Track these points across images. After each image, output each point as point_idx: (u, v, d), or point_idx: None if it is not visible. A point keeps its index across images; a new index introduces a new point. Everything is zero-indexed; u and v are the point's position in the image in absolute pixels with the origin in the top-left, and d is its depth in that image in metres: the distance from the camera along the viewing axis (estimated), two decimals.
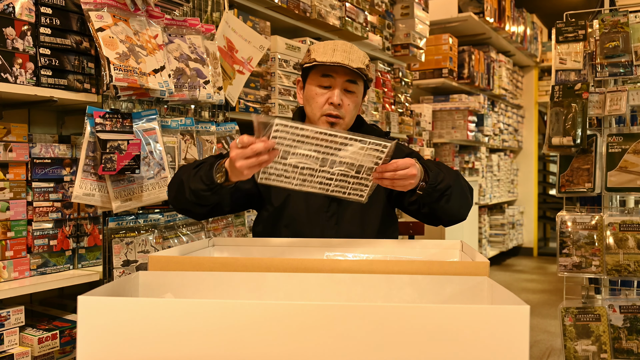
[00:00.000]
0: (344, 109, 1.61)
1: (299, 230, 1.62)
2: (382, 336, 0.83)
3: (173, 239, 1.96)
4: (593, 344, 2.27)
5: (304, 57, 1.70)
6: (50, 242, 1.79)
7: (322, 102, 1.61)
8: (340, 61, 1.55)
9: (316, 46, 1.63)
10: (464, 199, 1.57)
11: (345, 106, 1.61)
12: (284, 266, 1.12)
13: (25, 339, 1.68)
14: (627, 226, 2.25)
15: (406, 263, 1.12)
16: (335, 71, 1.59)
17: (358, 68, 1.57)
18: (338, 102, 1.59)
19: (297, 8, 2.66)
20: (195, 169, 1.49)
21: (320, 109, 1.61)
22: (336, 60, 1.55)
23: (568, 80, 2.41)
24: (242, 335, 0.85)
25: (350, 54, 1.59)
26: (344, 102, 1.61)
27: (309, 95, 1.64)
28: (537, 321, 3.96)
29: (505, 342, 0.82)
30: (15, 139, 1.71)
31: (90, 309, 0.87)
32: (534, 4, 6.64)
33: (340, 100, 1.59)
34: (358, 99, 1.66)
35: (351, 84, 1.61)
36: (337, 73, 1.59)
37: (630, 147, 2.29)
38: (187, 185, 1.48)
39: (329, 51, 1.59)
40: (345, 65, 1.55)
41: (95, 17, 1.69)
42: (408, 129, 3.87)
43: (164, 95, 1.83)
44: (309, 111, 1.66)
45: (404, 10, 3.68)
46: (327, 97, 1.60)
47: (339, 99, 1.59)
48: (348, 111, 1.63)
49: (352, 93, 1.62)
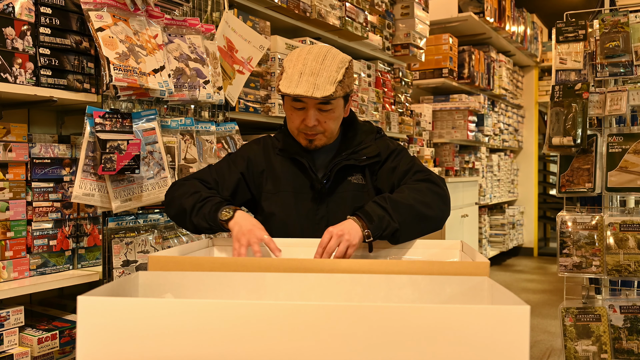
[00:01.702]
0: (321, 126, 1.58)
1: (290, 235, 1.60)
2: (382, 336, 0.83)
3: (173, 239, 1.96)
4: (593, 344, 2.27)
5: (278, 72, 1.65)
6: (50, 242, 1.79)
7: (298, 122, 1.58)
8: (303, 93, 1.47)
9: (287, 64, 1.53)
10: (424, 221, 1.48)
11: (322, 124, 1.57)
12: (284, 266, 1.12)
13: (24, 339, 1.68)
14: (627, 226, 2.25)
15: (406, 263, 1.12)
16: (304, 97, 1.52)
17: (324, 97, 1.48)
18: (313, 123, 1.55)
19: (297, 8, 2.66)
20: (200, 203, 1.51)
21: (297, 127, 1.59)
22: (299, 93, 1.47)
23: (568, 80, 2.41)
24: (242, 335, 0.84)
25: (318, 77, 1.49)
26: (320, 120, 1.56)
27: (286, 113, 1.63)
28: (537, 321, 3.95)
29: (505, 342, 0.82)
30: (15, 139, 1.71)
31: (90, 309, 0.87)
32: (534, 4, 6.64)
33: (315, 121, 1.55)
34: (337, 112, 1.60)
35: (325, 105, 1.54)
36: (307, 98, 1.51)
37: (630, 147, 2.28)
38: (190, 217, 1.51)
39: (295, 78, 1.49)
40: (309, 97, 1.48)
41: (95, 17, 1.69)
42: (408, 129, 3.87)
43: (164, 95, 1.83)
44: (289, 126, 1.64)
45: (404, 10, 3.68)
46: (302, 118, 1.57)
47: (314, 120, 1.55)
48: (327, 127, 1.59)
49: (328, 111, 1.56)
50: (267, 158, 1.69)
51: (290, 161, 1.66)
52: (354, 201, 1.63)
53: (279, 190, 1.65)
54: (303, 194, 1.64)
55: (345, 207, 1.62)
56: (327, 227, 1.59)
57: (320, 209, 1.63)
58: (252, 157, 1.69)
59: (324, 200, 1.64)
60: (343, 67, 1.53)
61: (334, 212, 1.63)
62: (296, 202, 1.63)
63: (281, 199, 1.64)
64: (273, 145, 1.71)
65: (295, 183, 1.65)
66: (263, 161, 1.68)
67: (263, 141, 1.74)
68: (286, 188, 1.64)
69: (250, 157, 1.69)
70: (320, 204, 1.63)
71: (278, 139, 1.72)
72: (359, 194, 1.65)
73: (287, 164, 1.67)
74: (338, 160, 1.63)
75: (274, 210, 1.64)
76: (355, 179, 1.66)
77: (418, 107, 4.45)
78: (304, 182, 1.64)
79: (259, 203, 1.68)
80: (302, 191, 1.64)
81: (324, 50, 1.55)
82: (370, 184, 1.66)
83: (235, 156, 1.71)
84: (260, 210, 1.69)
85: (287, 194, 1.64)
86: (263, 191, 1.67)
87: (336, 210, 1.63)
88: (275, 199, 1.64)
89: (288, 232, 1.62)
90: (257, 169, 1.68)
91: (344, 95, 1.57)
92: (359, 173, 1.66)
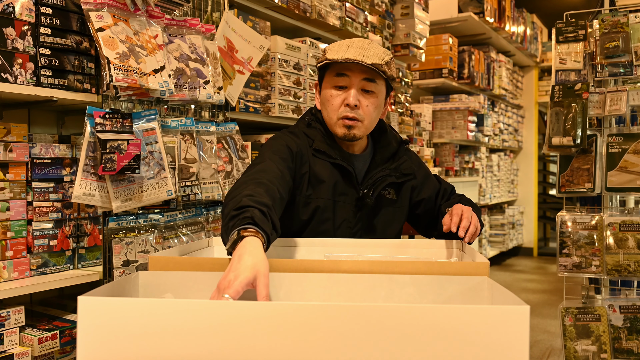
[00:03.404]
0: (362, 111, 1.49)
1: None
2: (383, 336, 0.83)
3: (173, 239, 1.96)
4: (593, 344, 2.27)
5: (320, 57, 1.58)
6: (50, 242, 1.79)
7: (337, 104, 1.49)
8: (353, 57, 1.43)
9: (331, 45, 1.52)
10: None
11: (363, 107, 1.49)
12: (284, 266, 1.12)
13: (25, 339, 1.68)
14: (627, 226, 2.25)
15: (406, 263, 1.12)
16: (350, 69, 1.47)
17: (373, 64, 1.43)
18: (355, 102, 1.47)
19: (297, 8, 2.66)
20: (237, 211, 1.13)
21: (336, 112, 1.50)
22: (348, 57, 1.43)
23: (568, 80, 2.41)
24: (242, 335, 0.85)
25: (367, 50, 1.46)
26: (362, 102, 1.48)
27: (325, 98, 1.53)
28: (537, 321, 3.95)
29: (505, 342, 0.82)
30: (15, 139, 1.71)
31: (90, 309, 0.87)
32: (534, 4, 6.64)
33: (357, 101, 1.47)
34: (378, 100, 1.52)
35: (369, 83, 1.48)
36: (352, 71, 1.47)
37: (630, 147, 2.29)
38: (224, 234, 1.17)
39: (343, 48, 1.47)
40: (359, 62, 1.43)
41: (95, 17, 1.69)
42: (408, 129, 3.87)
43: (164, 95, 1.83)
44: (326, 115, 1.55)
45: (404, 10, 3.68)
46: (343, 99, 1.48)
47: (356, 99, 1.47)
48: (367, 113, 1.50)
49: (371, 93, 1.50)
50: (308, 157, 1.54)
51: (331, 165, 1.54)
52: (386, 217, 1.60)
53: (319, 196, 1.52)
54: (343, 203, 1.54)
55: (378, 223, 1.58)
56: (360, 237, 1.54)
57: (359, 222, 1.56)
58: (297, 154, 1.52)
59: (364, 214, 1.56)
60: (388, 55, 1.51)
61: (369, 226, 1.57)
62: (334, 211, 1.53)
63: (320, 205, 1.52)
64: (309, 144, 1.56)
65: (335, 191, 1.53)
66: (307, 161, 1.53)
67: (302, 136, 1.58)
68: (325, 195, 1.52)
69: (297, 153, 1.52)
70: (360, 217, 1.55)
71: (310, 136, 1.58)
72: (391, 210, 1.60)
73: (327, 167, 1.54)
74: (382, 176, 1.56)
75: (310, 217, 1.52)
76: (388, 194, 1.60)
77: (418, 107, 4.45)
78: (345, 190, 1.54)
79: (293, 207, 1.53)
80: (343, 200, 1.54)
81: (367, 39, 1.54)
82: (404, 202, 1.63)
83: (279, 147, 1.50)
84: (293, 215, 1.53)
85: (326, 201, 1.52)
86: (302, 195, 1.52)
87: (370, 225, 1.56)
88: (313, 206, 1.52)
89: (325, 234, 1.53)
90: (301, 170, 1.52)
91: (389, 78, 1.51)
92: (392, 188, 1.61)
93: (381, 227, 1.59)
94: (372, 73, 1.48)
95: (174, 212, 1.99)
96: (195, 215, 2.07)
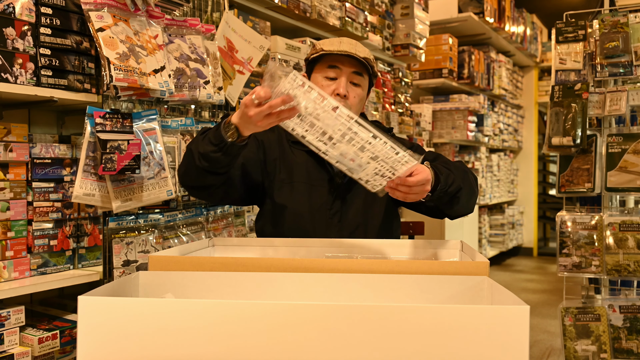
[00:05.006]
0: (350, 101, 1.61)
1: (302, 227, 1.61)
2: (382, 336, 0.83)
3: (173, 239, 1.96)
4: (593, 344, 2.27)
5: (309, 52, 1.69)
6: (50, 242, 1.80)
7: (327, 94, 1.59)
8: (347, 50, 1.57)
9: (322, 40, 1.65)
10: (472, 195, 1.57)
11: (351, 98, 1.61)
12: (284, 266, 1.12)
13: (25, 339, 1.68)
14: (627, 226, 2.25)
15: (406, 263, 1.12)
16: (342, 62, 1.60)
17: (365, 58, 1.58)
18: (345, 92, 1.58)
19: (297, 8, 2.67)
20: (202, 135, 1.44)
21: None
22: (343, 49, 1.57)
23: (568, 80, 2.41)
24: (242, 335, 0.85)
25: (357, 47, 1.61)
26: (350, 94, 1.60)
27: None
28: (537, 321, 3.96)
29: (505, 342, 0.82)
30: (15, 139, 1.71)
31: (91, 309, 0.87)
32: (534, 4, 6.64)
33: (346, 92, 1.59)
34: (363, 92, 1.66)
35: (357, 76, 1.61)
36: (344, 64, 1.60)
37: (630, 147, 2.29)
38: (196, 150, 1.41)
39: (336, 42, 1.61)
40: (353, 54, 1.56)
41: (95, 17, 1.69)
42: (408, 129, 3.87)
43: (164, 96, 1.83)
44: None
45: (404, 10, 3.68)
46: (333, 89, 1.59)
47: (345, 89, 1.59)
48: (354, 104, 1.62)
49: (357, 86, 1.63)
50: (281, 147, 1.69)
51: (306, 153, 1.66)
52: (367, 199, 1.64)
53: (293, 180, 1.64)
54: (318, 187, 1.64)
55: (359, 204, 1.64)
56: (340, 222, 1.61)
57: (335, 203, 1.63)
58: (265, 142, 1.69)
59: (339, 195, 1.64)
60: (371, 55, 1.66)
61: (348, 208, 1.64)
62: (310, 194, 1.62)
63: (295, 189, 1.63)
64: (287, 136, 1.70)
65: (311, 175, 1.65)
66: (277, 148, 1.68)
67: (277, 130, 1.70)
68: (300, 179, 1.64)
69: (264, 142, 1.68)
70: (336, 198, 1.63)
71: None
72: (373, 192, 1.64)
73: (302, 154, 1.67)
74: None
75: (286, 201, 1.63)
76: None
77: (418, 107, 4.45)
78: (320, 174, 1.64)
79: (269, 192, 1.66)
80: (318, 184, 1.64)
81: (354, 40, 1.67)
82: None
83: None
84: (269, 200, 1.66)
85: (301, 185, 1.63)
86: (275, 179, 1.65)
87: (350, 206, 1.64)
88: (289, 189, 1.63)
89: (300, 224, 1.61)
90: (271, 156, 1.67)
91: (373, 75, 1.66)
92: None
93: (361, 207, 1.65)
94: (361, 67, 1.62)
95: (174, 212, 1.99)
96: (195, 215, 2.07)
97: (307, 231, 1.59)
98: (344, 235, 1.57)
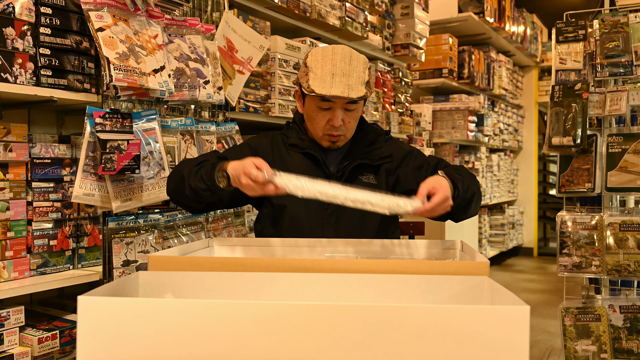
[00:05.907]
0: (345, 127, 1.62)
1: (300, 228, 1.61)
2: (383, 336, 0.83)
3: (173, 239, 1.96)
4: (593, 344, 2.27)
5: (300, 71, 1.64)
6: (50, 242, 1.79)
7: (322, 124, 1.61)
8: (339, 94, 1.52)
9: (314, 64, 1.56)
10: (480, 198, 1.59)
11: (346, 124, 1.62)
12: (284, 266, 1.12)
13: (25, 339, 1.68)
14: (627, 226, 2.25)
15: (406, 263, 1.12)
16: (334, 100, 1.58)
17: (359, 97, 1.54)
18: (339, 124, 1.60)
19: (297, 8, 2.66)
20: (197, 167, 1.50)
21: (322, 129, 1.62)
22: (335, 94, 1.51)
23: (568, 80, 2.41)
24: (242, 335, 0.85)
25: (350, 78, 1.54)
26: (345, 120, 1.61)
27: (309, 114, 1.64)
28: (537, 321, 3.96)
29: (505, 342, 0.82)
30: (15, 139, 1.71)
31: (90, 309, 0.87)
32: (534, 4, 6.64)
33: (341, 122, 1.60)
34: (359, 112, 1.66)
35: (351, 104, 1.60)
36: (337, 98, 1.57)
37: (630, 147, 2.28)
38: (188, 181, 1.49)
39: (328, 78, 1.53)
40: (345, 97, 1.53)
41: (95, 17, 1.69)
42: (408, 129, 3.87)
43: (164, 95, 1.83)
44: (310, 128, 1.67)
45: (404, 10, 3.68)
46: (328, 119, 1.60)
47: (339, 120, 1.59)
48: (349, 128, 1.64)
49: (352, 111, 1.62)
50: (277, 151, 1.70)
51: (302, 155, 1.68)
52: None
53: None
54: None
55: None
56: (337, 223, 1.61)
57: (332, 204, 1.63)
58: (259, 148, 1.70)
59: None
60: (367, 68, 1.61)
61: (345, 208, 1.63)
62: None
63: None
64: (283, 140, 1.72)
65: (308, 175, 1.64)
66: (271, 153, 1.69)
67: (272, 135, 1.75)
68: None
69: (257, 148, 1.70)
70: None
71: (287, 135, 1.73)
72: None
73: (298, 157, 1.68)
74: (353, 159, 1.67)
75: (284, 202, 1.63)
76: (367, 179, 1.68)
77: (418, 107, 4.45)
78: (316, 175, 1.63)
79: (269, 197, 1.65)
80: None
81: (347, 51, 1.59)
82: (383, 185, 1.68)
83: (241, 145, 1.72)
84: (267, 203, 1.68)
85: None
86: None
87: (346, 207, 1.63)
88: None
89: (298, 225, 1.62)
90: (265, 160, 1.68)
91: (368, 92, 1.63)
92: (370, 173, 1.69)
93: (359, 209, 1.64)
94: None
95: (174, 212, 1.99)
96: (195, 215, 2.07)
97: (305, 232, 1.59)
98: (341, 236, 1.57)
